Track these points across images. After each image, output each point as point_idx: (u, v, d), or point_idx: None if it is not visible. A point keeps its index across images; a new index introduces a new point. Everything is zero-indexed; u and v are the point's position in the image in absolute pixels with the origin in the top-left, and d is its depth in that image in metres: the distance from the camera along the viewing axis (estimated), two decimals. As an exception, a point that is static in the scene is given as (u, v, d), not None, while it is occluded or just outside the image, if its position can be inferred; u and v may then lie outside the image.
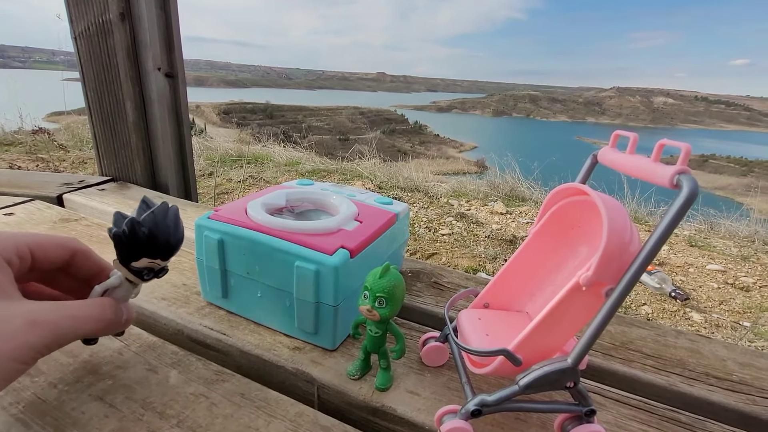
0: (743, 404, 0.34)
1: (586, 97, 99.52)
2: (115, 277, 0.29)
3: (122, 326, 0.30)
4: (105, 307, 0.28)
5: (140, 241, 0.27)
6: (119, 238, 0.27)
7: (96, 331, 0.28)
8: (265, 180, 2.46)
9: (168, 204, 0.28)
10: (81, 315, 0.26)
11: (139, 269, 0.28)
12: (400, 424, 0.31)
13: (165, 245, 0.28)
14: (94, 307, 0.27)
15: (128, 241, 0.27)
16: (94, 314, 0.27)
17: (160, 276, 0.30)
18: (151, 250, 0.27)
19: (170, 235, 0.28)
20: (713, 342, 0.42)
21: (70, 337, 0.26)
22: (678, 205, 0.21)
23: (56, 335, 0.25)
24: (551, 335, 0.26)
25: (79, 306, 0.27)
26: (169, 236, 0.27)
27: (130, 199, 0.70)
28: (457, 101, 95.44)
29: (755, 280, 1.79)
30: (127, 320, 0.30)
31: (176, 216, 0.28)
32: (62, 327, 0.25)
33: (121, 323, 0.29)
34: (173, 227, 0.28)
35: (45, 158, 2.22)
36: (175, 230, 0.28)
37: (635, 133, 0.26)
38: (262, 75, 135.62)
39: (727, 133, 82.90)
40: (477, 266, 1.66)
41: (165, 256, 0.28)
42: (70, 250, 0.30)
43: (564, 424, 0.28)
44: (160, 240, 0.27)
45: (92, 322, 0.27)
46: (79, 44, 0.71)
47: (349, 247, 0.35)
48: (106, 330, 0.29)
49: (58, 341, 0.25)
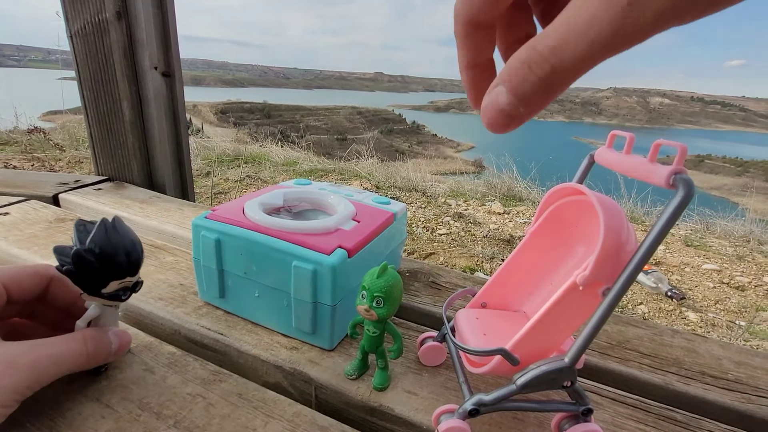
0: (739, 403, 0.34)
1: (583, 97, 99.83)
2: (93, 307, 0.28)
3: (114, 355, 0.30)
4: (85, 341, 0.27)
5: (97, 268, 0.25)
6: (73, 274, 0.25)
7: (80, 366, 0.27)
8: (262, 180, 2.45)
9: (105, 219, 0.26)
10: (59, 352, 0.26)
11: (112, 293, 0.27)
12: (397, 424, 0.31)
13: (126, 261, 0.26)
14: (73, 342, 0.27)
15: (84, 273, 0.25)
16: (74, 349, 0.27)
17: (137, 290, 0.29)
18: (114, 272, 0.26)
19: (126, 249, 0.26)
20: (709, 341, 0.42)
21: (52, 374, 0.26)
22: (674, 205, 0.21)
23: (36, 375, 0.24)
24: (548, 335, 0.26)
25: (56, 342, 0.26)
26: (125, 250, 0.26)
27: (127, 198, 0.69)
28: (454, 101, 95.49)
29: (750, 279, 1.80)
30: (119, 348, 0.30)
31: (121, 226, 0.27)
32: (41, 367, 0.25)
33: (108, 353, 0.29)
34: (125, 239, 0.26)
35: (41, 158, 2.21)
36: (129, 242, 0.26)
37: (632, 133, 0.26)
38: (259, 74, 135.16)
39: (722, 134, 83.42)
40: (474, 266, 1.66)
41: (132, 272, 0.27)
42: (46, 277, 0.30)
43: (561, 423, 0.28)
44: (119, 258, 0.26)
45: (72, 359, 0.26)
46: (75, 43, 0.70)
47: (346, 246, 0.35)
48: (92, 362, 0.28)
49: (39, 381, 0.25)
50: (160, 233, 0.58)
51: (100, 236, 0.25)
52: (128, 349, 0.32)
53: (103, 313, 0.29)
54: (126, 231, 0.27)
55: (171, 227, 0.58)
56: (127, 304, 0.41)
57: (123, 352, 0.31)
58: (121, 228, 0.27)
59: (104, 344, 0.29)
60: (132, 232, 0.27)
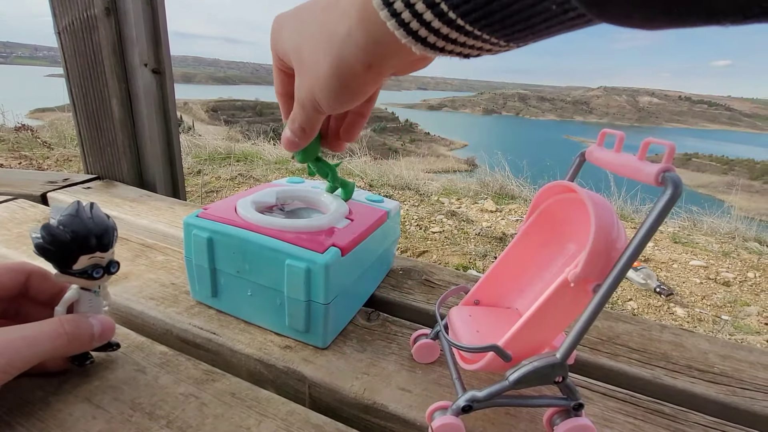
0: (723, 395, 0.35)
1: (574, 96, 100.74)
2: (70, 291, 0.28)
3: (97, 340, 0.29)
4: (61, 323, 0.27)
5: (65, 240, 0.26)
6: (43, 248, 0.26)
7: (60, 348, 0.27)
8: (254, 178, 2.44)
9: (80, 201, 0.28)
10: (33, 334, 0.25)
11: (83, 270, 0.27)
12: (391, 421, 0.31)
13: (92, 233, 0.27)
14: (48, 325, 0.26)
15: (53, 246, 0.26)
16: (49, 331, 0.26)
17: (113, 272, 0.29)
18: (81, 244, 0.26)
19: (97, 224, 0.27)
20: (696, 335, 0.43)
21: (26, 357, 0.25)
22: (663, 203, 0.22)
23: (8, 359, 0.24)
24: (540, 331, 0.27)
25: (31, 326, 0.26)
26: (91, 224, 0.27)
27: (117, 197, 0.68)
28: (447, 99, 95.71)
29: (735, 275, 1.84)
30: (102, 333, 0.29)
31: (91, 206, 0.28)
32: (13, 349, 0.24)
33: (90, 337, 0.28)
34: (95, 218, 0.27)
35: (28, 156, 2.17)
36: (100, 221, 0.27)
37: (622, 131, 0.27)
38: (251, 72, 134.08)
39: (709, 133, 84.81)
40: (467, 264, 1.67)
41: (102, 247, 0.27)
42: (23, 273, 0.29)
43: (553, 418, 0.29)
44: (83, 230, 0.26)
45: (48, 340, 0.26)
46: (63, 40, 0.69)
47: (340, 245, 0.35)
48: (70, 346, 0.27)
49: (12, 364, 0.24)
50: (151, 232, 0.57)
51: (71, 211, 0.26)
52: (112, 337, 0.31)
53: (82, 299, 0.28)
54: (99, 213, 0.28)
55: (162, 226, 0.57)
56: (118, 303, 0.41)
57: (107, 338, 0.30)
58: (96, 211, 0.28)
59: (84, 326, 0.28)
60: (101, 213, 0.28)
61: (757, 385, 0.36)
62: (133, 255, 0.50)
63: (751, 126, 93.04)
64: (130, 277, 0.45)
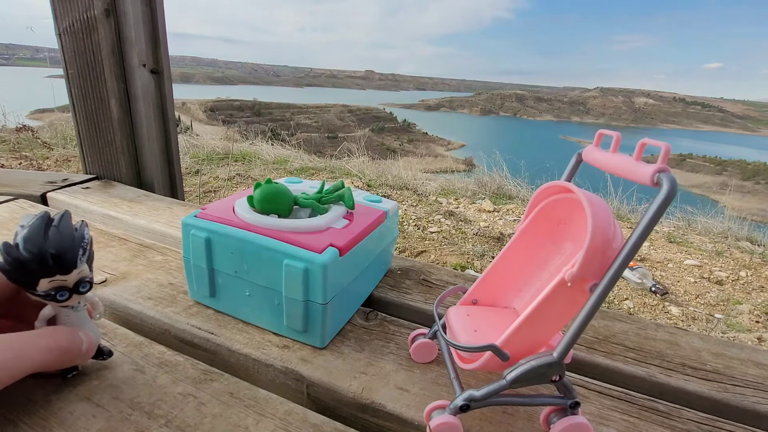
0: (716, 392, 0.36)
1: (571, 97, 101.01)
2: (46, 308, 0.27)
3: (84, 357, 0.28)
4: (55, 335, 0.26)
5: (23, 263, 0.24)
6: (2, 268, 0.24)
7: (49, 363, 0.26)
8: (252, 178, 2.43)
9: (47, 212, 0.25)
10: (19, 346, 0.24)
11: (46, 293, 0.25)
12: (389, 421, 0.31)
13: (49, 254, 0.24)
14: (39, 338, 0.25)
15: (11, 266, 0.24)
16: (41, 345, 0.25)
17: (83, 291, 0.27)
18: (42, 269, 0.24)
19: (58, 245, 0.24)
20: (689, 334, 0.43)
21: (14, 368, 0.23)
22: (658, 203, 0.22)
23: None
24: (538, 330, 0.27)
25: (18, 337, 0.24)
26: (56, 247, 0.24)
27: (115, 197, 0.68)
28: (445, 100, 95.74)
29: (728, 274, 1.85)
30: (88, 349, 0.28)
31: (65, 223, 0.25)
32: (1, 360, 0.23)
33: (78, 352, 0.27)
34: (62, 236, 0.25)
35: (28, 156, 2.16)
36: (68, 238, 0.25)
37: (618, 132, 0.27)
38: (249, 72, 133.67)
39: (702, 134, 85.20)
40: (465, 263, 1.67)
41: (62, 269, 0.25)
42: None
43: (550, 416, 0.29)
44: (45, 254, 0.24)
45: (39, 354, 0.25)
46: (64, 41, 0.69)
47: (338, 245, 0.35)
48: (65, 358, 0.27)
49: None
50: (149, 232, 0.57)
51: (33, 230, 0.24)
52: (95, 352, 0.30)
53: (60, 315, 0.27)
54: (67, 228, 0.25)
55: (160, 226, 0.57)
56: (116, 303, 0.41)
57: (90, 356, 0.29)
58: (64, 225, 0.25)
59: (77, 341, 0.27)
60: (75, 231, 0.26)
61: (747, 382, 0.37)
62: (131, 255, 0.50)
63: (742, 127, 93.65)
64: (128, 277, 0.45)
